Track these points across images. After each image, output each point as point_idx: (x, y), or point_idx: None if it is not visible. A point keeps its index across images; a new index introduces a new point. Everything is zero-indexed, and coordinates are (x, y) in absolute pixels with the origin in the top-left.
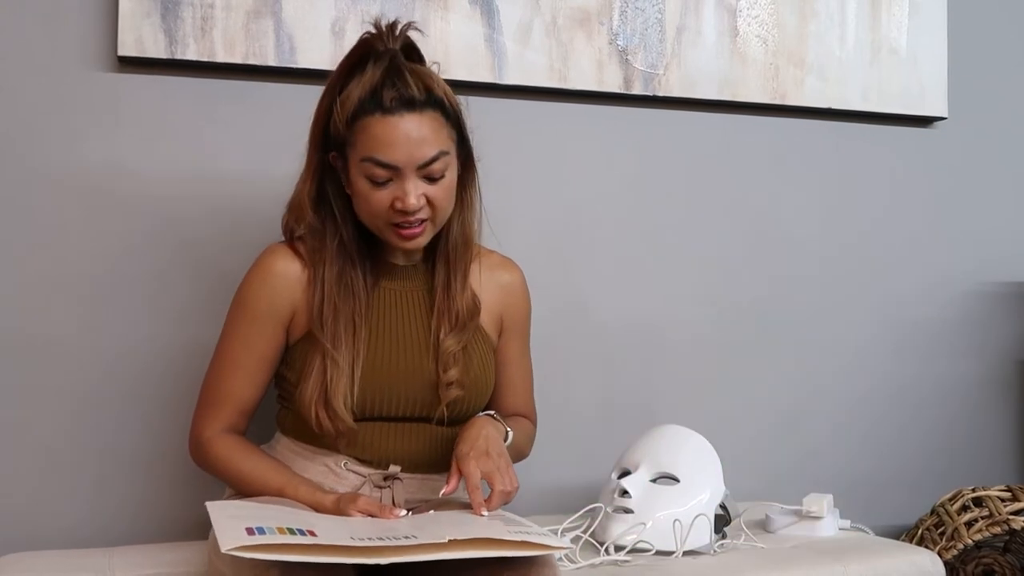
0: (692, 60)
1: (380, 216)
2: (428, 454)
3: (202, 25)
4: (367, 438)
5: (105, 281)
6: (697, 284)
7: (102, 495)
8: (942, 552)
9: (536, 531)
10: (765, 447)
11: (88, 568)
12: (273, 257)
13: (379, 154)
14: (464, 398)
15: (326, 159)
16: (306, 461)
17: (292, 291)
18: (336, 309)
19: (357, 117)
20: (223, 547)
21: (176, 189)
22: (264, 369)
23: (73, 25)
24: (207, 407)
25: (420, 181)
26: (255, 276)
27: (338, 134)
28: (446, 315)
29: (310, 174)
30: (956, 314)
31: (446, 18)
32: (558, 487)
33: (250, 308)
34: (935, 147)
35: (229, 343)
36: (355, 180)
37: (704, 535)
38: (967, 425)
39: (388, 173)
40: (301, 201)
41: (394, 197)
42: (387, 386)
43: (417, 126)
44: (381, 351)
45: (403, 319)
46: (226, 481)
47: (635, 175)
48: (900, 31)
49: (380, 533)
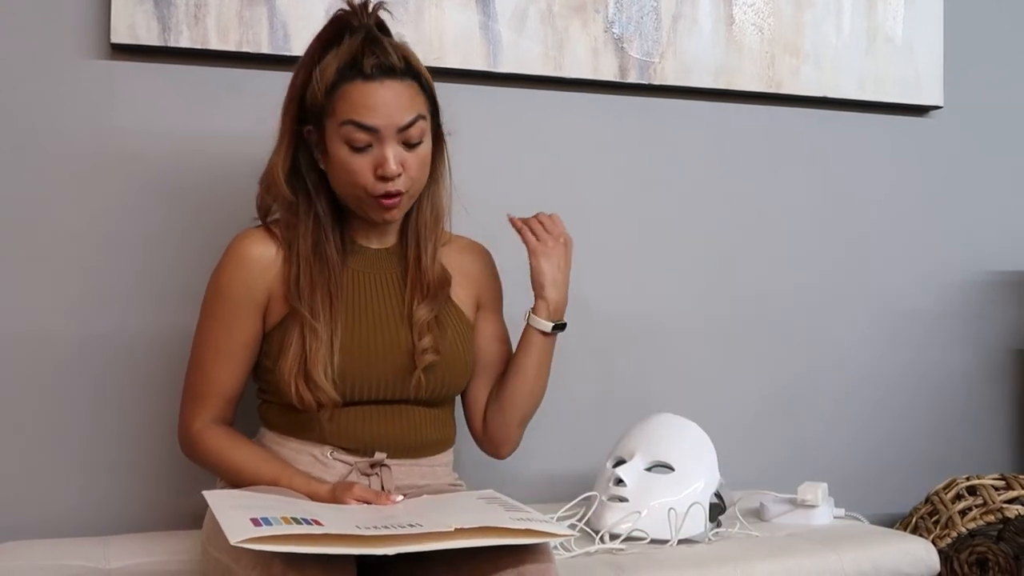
0: (688, 48)
1: (359, 185)
2: (412, 438)
3: (195, 12)
4: (349, 425)
5: (98, 269)
6: (692, 273)
7: (97, 484)
8: (936, 540)
9: (538, 518)
10: (760, 436)
11: (83, 557)
12: (247, 241)
13: (360, 117)
14: (439, 364)
15: (300, 133)
16: (292, 453)
17: (267, 275)
18: (313, 280)
19: (337, 84)
20: (231, 539)
21: (169, 176)
22: (246, 356)
23: (66, 12)
24: (193, 399)
25: (399, 147)
26: (229, 261)
27: (316, 104)
28: (418, 287)
29: (284, 147)
30: (951, 303)
31: (441, 5)
32: (553, 475)
33: (226, 294)
34: (931, 136)
35: (208, 331)
36: (333, 148)
37: (699, 524)
38: (961, 414)
39: (368, 137)
40: (275, 175)
41: (375, 163)
42: (365, 366)
43: (396, 92)
44: (358, 332)
45: (377, 300)
46: (218, 473)
47: (630, 164)
48: (896, 20)
49: (384, 522)
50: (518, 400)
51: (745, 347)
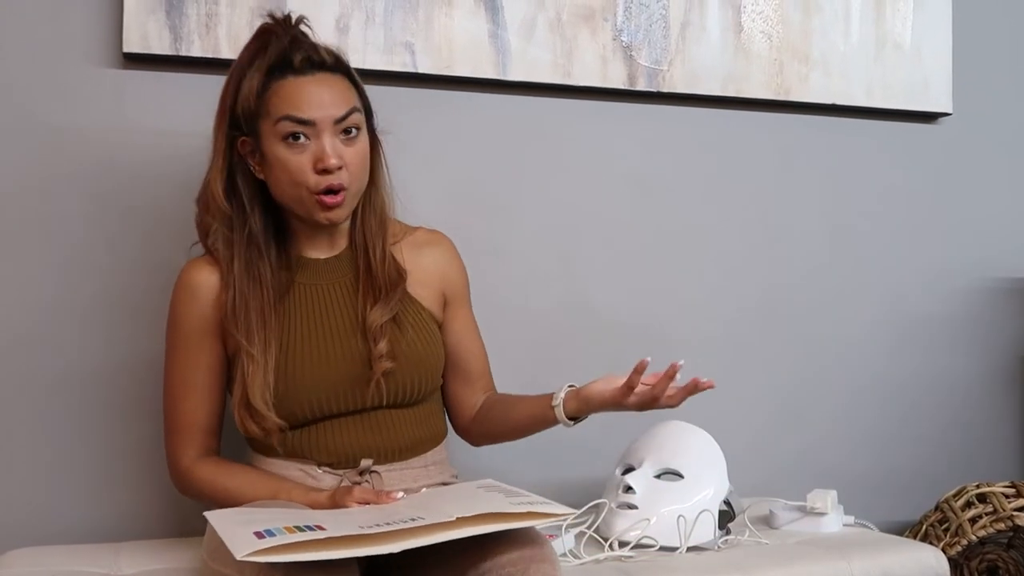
0: (696, 56)
1: (300, 183)
2: (394, 442)
3: (207, 22)
4: (325, 439)
5: (111, 278)
6: (700, 280)
7: (109, 492)
8: (946, 548)
9: (538, 500)
10: (769, 443)
11: (95, 564)
12: (192, 271)
13: (295, 111)
14: (397, 370)
15: (234, 146)
16: (282, 471)
17: (216, 299)
18: (247, 304)
19: (268, 85)
20: (237, 555)
21: (180, 186)
22: (215, 384)
23: (78, 21)
24: (175, 435)
25: (337, 140)
26: (180, 294)
27: (248, 109)
28: (370, 292)
29: (219, 163)
30: (960, 309)
31: (450, 14)
32: (562, 483)
33: (183, 327)
34: (939, 143)
35: (175, 366)
36: (271, 150)
37: (708, 531)
38: (971, 421)
39: (305, 130)
40: (213, 191)
41: (314, 158)
42: (314, 382)
43: (328, 85)
44: (307, 347)
45: (329, 311)
46: (216, 502)
47: (639, 172)
48: (904, 26)
49: (385, 519)
50: (509, 435)
51: (754, 354)
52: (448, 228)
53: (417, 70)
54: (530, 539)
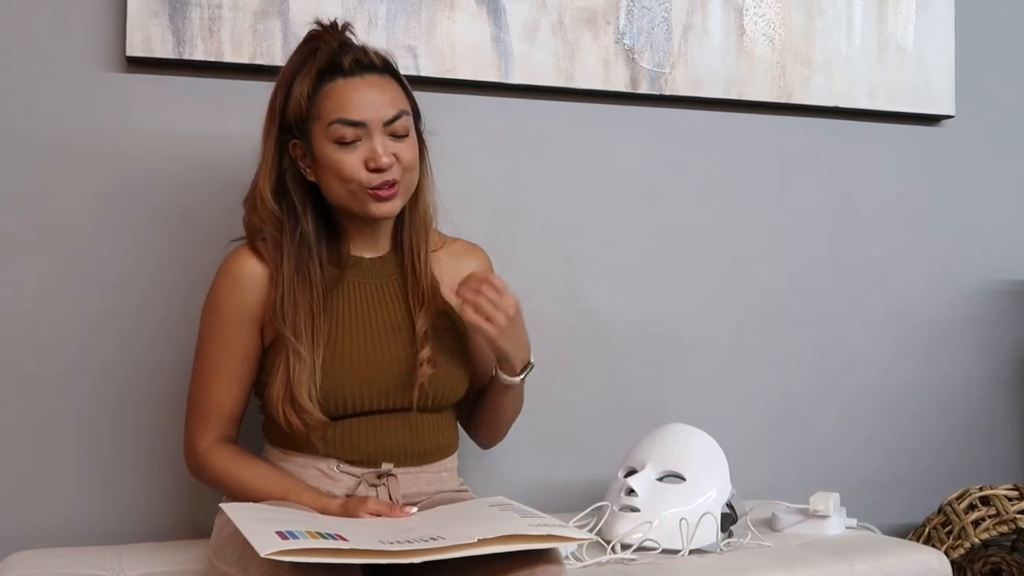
0: (699, 59)
1: (353, 181)
2: (416, 445)
3: (210, 25)
4: (352, 437)
5: (114, 281)
6: (703, 283)
7: (112, 494)
8: (949, 551)
9: (555, 523)
10: (771, 446)
11: (98, 566)
12: (239, 259)
13: (346, 114)
14: (437, 376)
15: (284, 149)
16: (299, 468)
17: (260, 291)
18: (296, 302)
19: (318, 88)
20: (261, 552)
21: (184, 189)
22: (246, 373)
23: (82, 26)
24: (197, 419)
25: (387, 139)
26: (224, 280)
27: (299, 113)
28: (416, 296)
29: (268, 166)
30: (963, 312)
31: (452, 17)
32: (564, 485)
33: (224, 312)
34: (942, 145)
35: (208, 350)
36: (323, 152)
37: (710, 534)
38: (974, 423)
39: (356, 132)
40: (261, 194)
41: (365, 158)
42: (358, 379)
43: (379, 87)
44: (353, 344)
45: (373, 311)
46: (226, 492)
47: (641, 174)
48: (907, 29)
49: (405, 536)
50: (501, 421)
51: (756, 357)
52: (451, 231)
53: (420, 73)
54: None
